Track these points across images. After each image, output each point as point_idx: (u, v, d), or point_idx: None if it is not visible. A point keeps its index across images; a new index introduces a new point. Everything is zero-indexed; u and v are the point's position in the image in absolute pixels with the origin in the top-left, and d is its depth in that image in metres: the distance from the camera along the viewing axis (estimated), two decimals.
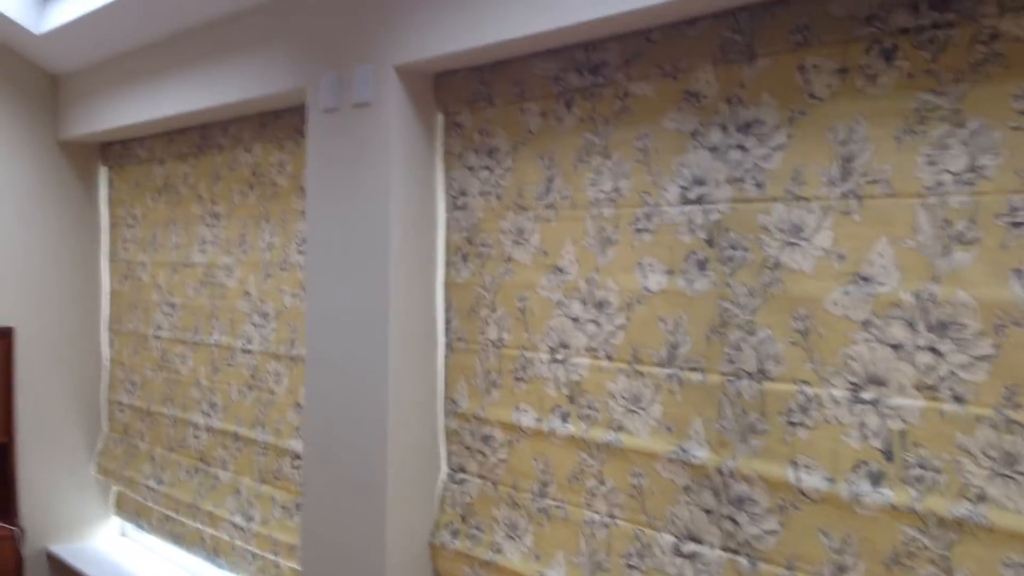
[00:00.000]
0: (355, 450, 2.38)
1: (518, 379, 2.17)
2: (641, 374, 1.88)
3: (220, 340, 3.41)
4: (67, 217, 4.10)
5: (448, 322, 2.39)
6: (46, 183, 4.03)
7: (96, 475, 4.12)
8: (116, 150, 4.07)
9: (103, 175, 4.20)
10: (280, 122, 3.10)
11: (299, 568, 2.80)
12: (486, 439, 2.26)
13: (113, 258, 4.14)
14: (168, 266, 3.73)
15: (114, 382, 4.09)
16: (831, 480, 1.55)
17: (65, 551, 3.94)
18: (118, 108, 3.66)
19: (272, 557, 3.04)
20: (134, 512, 3.90)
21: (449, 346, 2.38)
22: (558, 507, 2.06)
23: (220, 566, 3.35)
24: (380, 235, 2.31)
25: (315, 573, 2.49)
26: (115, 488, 4.09)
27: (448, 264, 2.38)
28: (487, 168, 2.25)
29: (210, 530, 3.38)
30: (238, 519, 3.21)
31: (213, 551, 3.38)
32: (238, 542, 3.21)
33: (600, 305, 1.97)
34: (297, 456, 2.99)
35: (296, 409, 3.00)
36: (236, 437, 3.29)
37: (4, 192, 3.91)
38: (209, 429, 3.45)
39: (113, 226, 4.14)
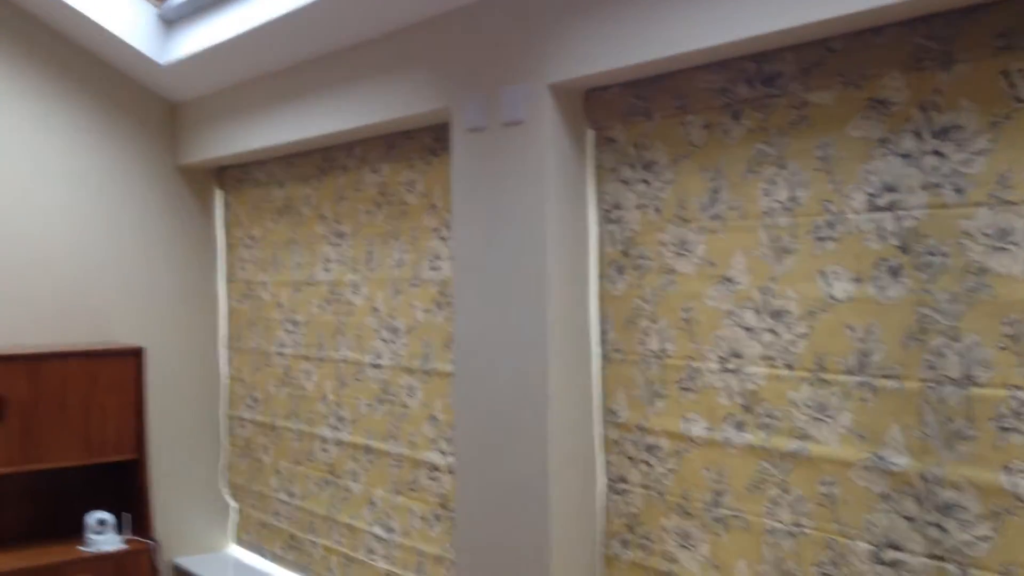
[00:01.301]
0: (513, 461, 2.42)
1: (684, 389, 2.19)
2: (827, 382, 1.88)
3: (347, 356, 3.48)
4: (186, 239, 4.23)
5: (603, 334, 2.41)
6: (165, 207, 4.16)
7: (223, 488, 4.24)
8: (233, 173, 4.18)
9: (219, 198, 4.32)
10: (411, 142, 3.16)
11: None
12: (651, 449, 2.28)
13: (230, 278, 4.26)
14: (290, 285, 3.83)
15: (234, 398, 4.20)
16: None
17: (191, 563, 4.06)
18: (237, 133, 3.77)
19: (412, 570, 3.10)
20: (257, 535, 3.99)
21: (605, 357, 2.41)
22: (735, 516, 2.07)
23: None
24: (536, 250, 2.35)
25: None
26: (236, 508, 4.19)
27: (602, 277, 2.41)
28: (644, 181, 2.28)
29: (344, 548, 3.45)
30: (378, 530, 3.27)
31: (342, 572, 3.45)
32: (377, 556, 3.27)
33: (777, 314, 1.98)
34: (435, 468, 3.04)
35: (432, 422, 3.06)
36: (368, 450, 3.36)
37: (127, 216, 4.05)
38: (338, 442, 3.52)
39: (230, 247, 4.26)
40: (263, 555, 4.01)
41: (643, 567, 2.28)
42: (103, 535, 3.67)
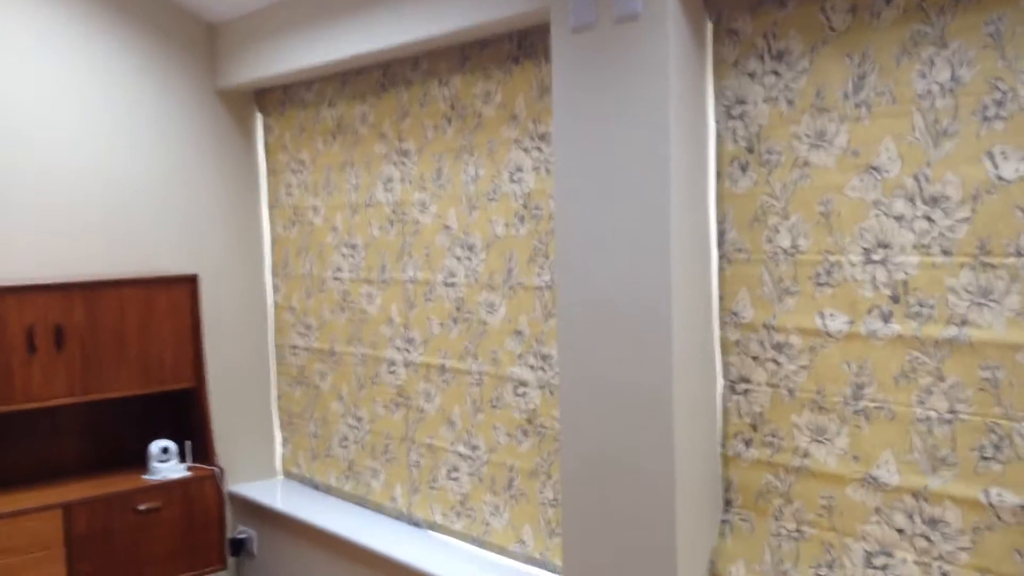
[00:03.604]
0: (629, 369, 2.38)
1: (821, 284, 2.16)
2: (992, 266, 1.86)
3: (416, 276, 3.41)
4: (227, 167, 4.11)
5: (722, 234, 2.37)
6: (205, 133, 4.03)
7: (279, 416, 4.19)
8: (275, 96, 4.05)
9: (259, 122, 4.19)
10: (487, 51, 3.06)
11: (556, 494, 2.83)
12: (779, 347, 2.25)
13: (274, 204, 4.15)
14: (346, 207, 3.73)
15: (283, 326, 4.12)
16: None
17: (248, 489, 4.02)
18: (280, 53, 3.63)
19: (503, 486, 3.08)
20: (308, 466, 3.95)
21: (725, 258, 2.37)
22: (879, 407, 2.06)
23: (404, 514, 3.38)
24: (657, 153, 2.28)
25: (587, 494, 2.51)
26: (287, 437, 4.14)
27: (722, 175, 2.36)
28: (774, 73, 2.22)
29: (418, 473, 3.42)
30: (461, 448, 3.24)
31: (408, 496, 3.42)
32: (461, 474, 3.24)
33: (934, 200, 1.94)
34: (522, 383, 3.00)
35: (516, 337, 3.01)
36: (443, 369, 3.31)
37: (166, 142, 3.91)
38: (408, 364, 3.47)
39: (273, 172, 4.14)
40: (315, 486, 3.97)
41: (769, 464, 2.27)
42: (167, 463, 3.62)
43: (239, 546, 4.04)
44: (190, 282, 3.75)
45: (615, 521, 2.44)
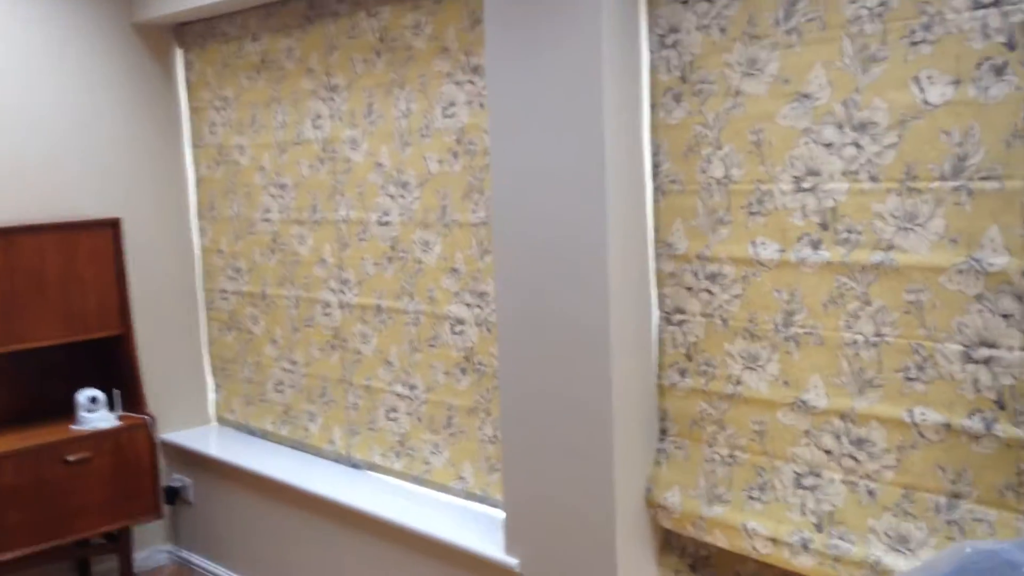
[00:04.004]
0: (566, 302, 2.38)
1: (753, 213, 2.17)
2: (918, 191, 1.89)
3: (348, 215, 3.35)
4: (147, 105, 3.95)
5: (657, 166, 2.36)
6: (122, 70, 3.86)
7: (211, 362, 4.11)
8: (195, 29, 3.88)
9: (179, 57, 4.02)
10: None
11: (495, 430, 2.84)
12: (713, 277, 2.27)
13: (198, 144, 4.01)
14: (274, 146, 3.63)
15: (212, 270, 4.02)
16: None
17: (180, 438, 3.96)
18: None
19: (441, 425, 3.08)
20: (242, 411, 3.89)
21: (659, 189, 2.37)
22: (808, 333, 2.10)
23: (342, 455, 3.36)
24: (591, 84, 2.25)
25: (526, 429, 2.52)
26: (219, 383, 4.07)
27: (655, 107, 2.34)
28: (707, 0, 2.19)
29: (355, 415, 3.40)
30: (399, 388, 3.22)
31: (346, 437, 3.40)
32: (400, 414, 3.23)
33: (862, 127, 1.96)
34: (459, 321, 2.99)
35: (453, 275, 2.99)
36: (379, 309, 3.28)
37: (81, 81, 3.73)
38: (343, 305, 3.42)
39: (196, 111, 3.99)
40: (251, 432, 3.93)
41: (704, 392, 2.31)
42: (96, 413, 3.53)
43: (174, 494, 3.98)
44: (112, 226, 3.62)
45: (554, 454, 2.46)
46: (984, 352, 1.83)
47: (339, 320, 3.45)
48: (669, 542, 2.47)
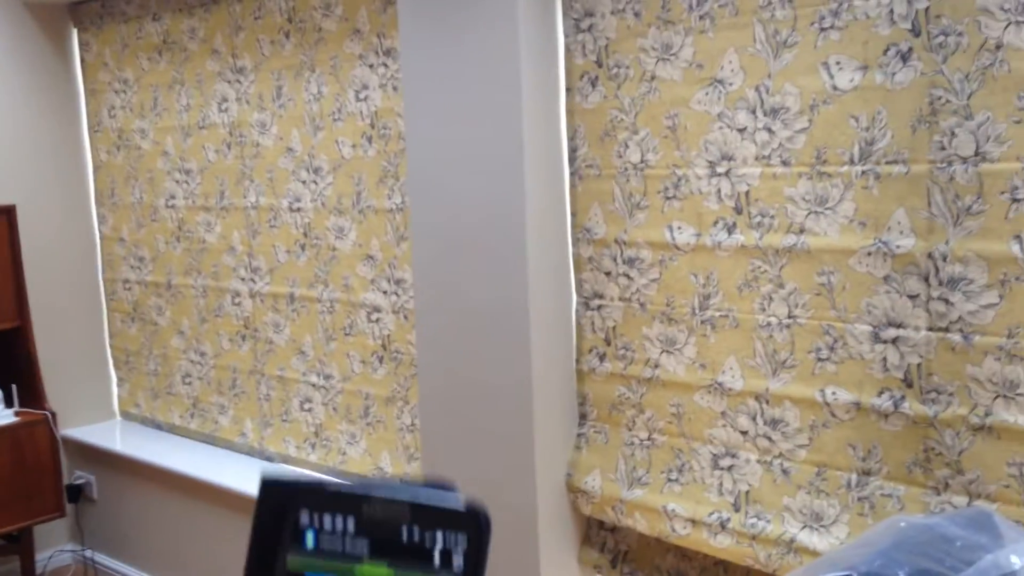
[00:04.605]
0: (487, 288, 2.36)
1: (669, 198, 2.19)
2: (828, 175, 1.93)
3: (258, 202, 3.25)
4: (40, 87, 3.75)
5: (574, 150, 2.35)
6: (12, 49, 3.66)
7: (113, 355, 3.95)
8: (91, 8, 3.70)
9: (75, 38, 3.83)
10: None
11: (414, 419, 2.80)
12: (631, 262, 2.28)
13: (97, 128, 3.83)
14: (177, 130, 3.49)
15: (113, 260, 3.86)
16: None
17: (82, 434, 3.80)
18: None
19: (358, 415, 3.02)
20: (149, 405, 3.75)
21: (577, 174, 2.36)
22: (724, 316, 2.13)
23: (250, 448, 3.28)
24: (508, 67, 2.23)
25: (445, 417, 2.49)
26: (124, 376, 3.92)
27: (571, 91, 2.33)
28: None
29: (269, 407, 3.31)
30: (314, 378, 3.15)
31: (258, 431, 3.31)
32: (315, 404, 3.16)
33: (774, 112, 1.98)
34: (376, 309, 2.93)
35: (368, 262, 2.93)
36: (292, 298, 3.19)
37: None
38: (254, 294, 3.32)
39: (93, 93, 3.81)
40: (157, 426, 3.79)
41: (623, 376, 2.32)
42: None
43: (77, 492, 3.82)
44: (6, 213, 3.43)
45: (474, 441, 2.44)
46: (892, 332, 1.88)
47: (250, 310, 3.35)
48: (590, 537, 2.48)
